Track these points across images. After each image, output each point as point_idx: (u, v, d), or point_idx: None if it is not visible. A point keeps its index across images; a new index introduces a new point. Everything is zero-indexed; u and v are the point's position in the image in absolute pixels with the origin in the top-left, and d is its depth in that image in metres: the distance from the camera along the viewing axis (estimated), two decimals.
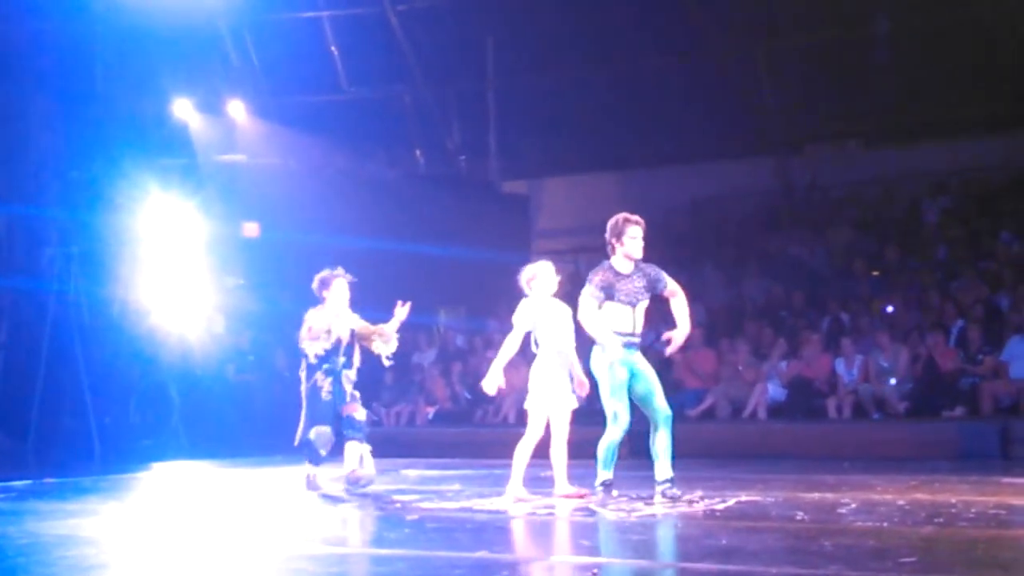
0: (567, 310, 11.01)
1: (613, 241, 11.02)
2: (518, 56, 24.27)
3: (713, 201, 25.10)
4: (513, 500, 10.77)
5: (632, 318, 10.81)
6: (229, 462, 18.22)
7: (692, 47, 23.24)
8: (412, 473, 15.38)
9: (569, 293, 24.24)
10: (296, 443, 12.08)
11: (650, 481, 10.53)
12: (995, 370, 16.53)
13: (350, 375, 12.17)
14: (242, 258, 21.48)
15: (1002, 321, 17.55)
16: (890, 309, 18.90)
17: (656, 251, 23.85)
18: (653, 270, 11.05)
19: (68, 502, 12.39)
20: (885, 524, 8.83)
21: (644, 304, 10.89)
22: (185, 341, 20.71)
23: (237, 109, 22.28)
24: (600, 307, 10.71)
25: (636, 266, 11.00)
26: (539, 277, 11.25)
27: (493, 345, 19.85)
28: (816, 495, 10.94)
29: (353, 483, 12.02)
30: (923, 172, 23.05)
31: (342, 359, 12.04)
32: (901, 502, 10.19)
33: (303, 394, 12.05)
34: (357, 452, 12.12)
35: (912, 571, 6.83)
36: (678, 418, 11.08)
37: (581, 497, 10.64)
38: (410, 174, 24.86)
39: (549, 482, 11.13)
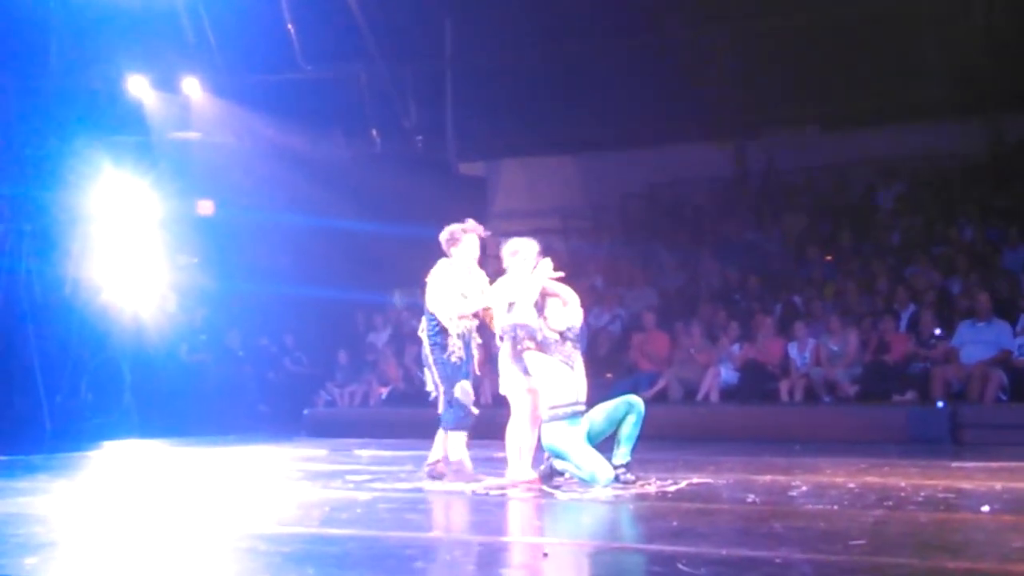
0: (531, 294, 10.80)
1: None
2: (476, 36, 24.21)
3: (669, 185, 25.15)
4: (522, 484, 10.51)
5: None
6: (181, 441, 18.18)
7: (650, 31, 23.24)
8: (365, 453, 15.38)
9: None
10: (441, 410, 10.93)
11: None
12: (946, 355, 16.64)
13: (478, 339, 11.30)
14: (196, 236, 21.38)
15: (953, 307, 17.66)
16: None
17: (612, 234, 24.08)
18: None
19: (18, 480, 12.34)
20: (835, 507, 8.89)
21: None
22: (138, 319, 20.61)
23: (192, 87, 22.14)
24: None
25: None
26: (522, 253, 11.01)
27: None
28: (767, 478, 11.01)
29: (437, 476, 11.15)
30: (878, 158, 23.14)
31: (475, 322, 11.15)
32: (851, 485, 10.26)
33: (430, 358, 10.97)
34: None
35: (861, 553, 6.89)
36: None
37: (533, 483, 10.58)
38: (366, 154, 24.76)
39: (502, 464, 11.11)
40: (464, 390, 10.66)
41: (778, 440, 15.36)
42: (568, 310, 10.72)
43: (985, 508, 8.70)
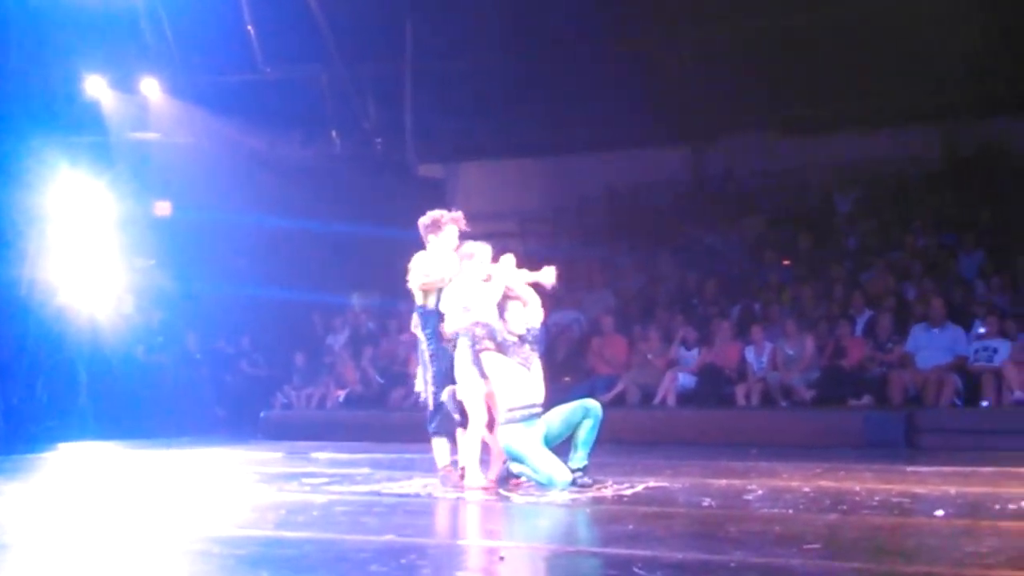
0: (493, 295, 10.77)
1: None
2: (436, 38, 24.15)
3: (628, 189, 25.16)
4: (478, 489, 10.50)
5: None
6: (137, 443, 18.08)
7: (610, 35, 23.26)
8: (322, 456, 15.33)
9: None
10: (432, 408, 10.82)
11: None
12: (902, 360, 16.71)
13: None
14: (153, 237, 21.28)
15: (909, 312, 17.75)
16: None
17: (571, 238, 24.07)
18: None
19: None
20: (791, 511, 8.92)
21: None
22: (94, 321, 20.50)
23: (150, 87, 22.04)
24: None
25: None
26: (477, 257, 11.00)
27: (405, 328, 19.80)
28: (724, 481, 11.03)
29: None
30: (836, 163, 23.21)
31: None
32: (807, 489, 10.29)
33: (426, 354, 10.83)
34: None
35: (816, 557, 6.91)
36: None
37: (489, 488, 10.55)
38: (326, 155, 24.70)
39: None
40: (450, 395, 10.65)
41: (735, 444, 15.38)
42: (528, 311, 10.75)
43: (939, 512, 8.74)
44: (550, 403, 10.68)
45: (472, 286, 10.75)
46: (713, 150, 24.64)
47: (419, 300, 10.91)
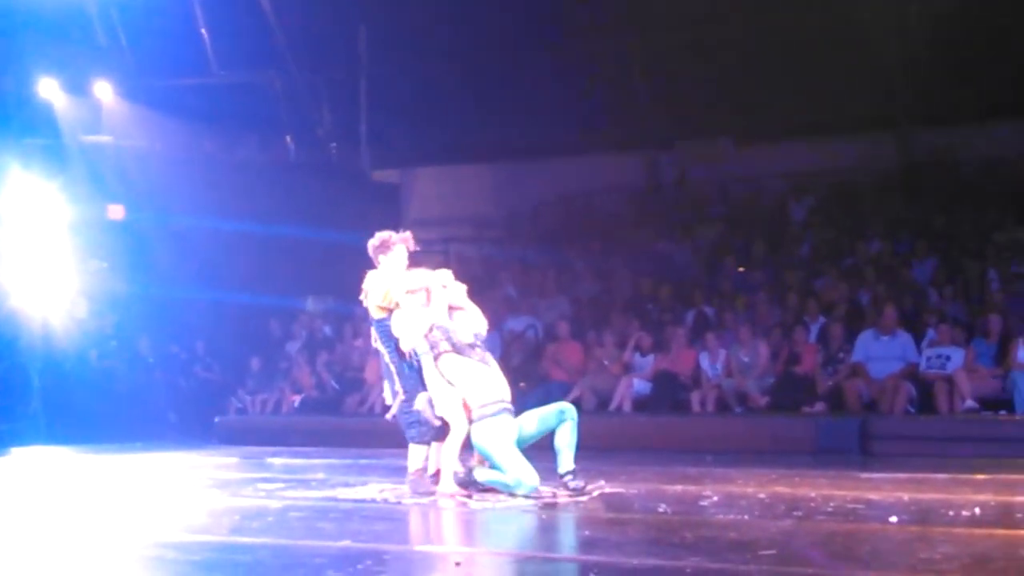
0: (440, 307, 10.77)
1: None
2: (391, 44, 24.15)
3: (582, 195, 25.17)
4: (449, 496, 10.41)
5: None
6: (89, 448, 17.97)
7: (565, 40, 23.31)
8: (277, 462, 15.29)
9: None
10: (399, 420, 10.81)
11: (549, 473, 10.48)
12: (854, 368, 16.77)
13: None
14: (106, 241, 21.19)
15: (862, 319, 17.82)
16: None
17: (526, 243, 24.09)
18: None
19: None
20: (746, 517, 8.95)
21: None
22: (47, 325, 20.39)
23: (104, 90, 21.95)
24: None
25: None
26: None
27: (361, 334, 19.78)
28: (679, 487, 11.05)
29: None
30: (791, 171, 23.29)
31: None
32: (762, 495, 10.33)
33: (391, 367, 10.81)
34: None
35: (771, 563, 6.93)
36: None
37: (465, 498, 10.51)
38: (280, 160, 24.66)
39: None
40: (426, 402, 10.62)
41: (690, 450, 15.39)
42: (473, 319, 10.83)
43: (893, 519, 8.78)
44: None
45: (420, 304, 10.78)
46: (668, 156, 24.66)
47: (376, 316, 10.92)
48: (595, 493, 10.39)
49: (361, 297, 11.04)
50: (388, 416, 11.01)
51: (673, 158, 24.51)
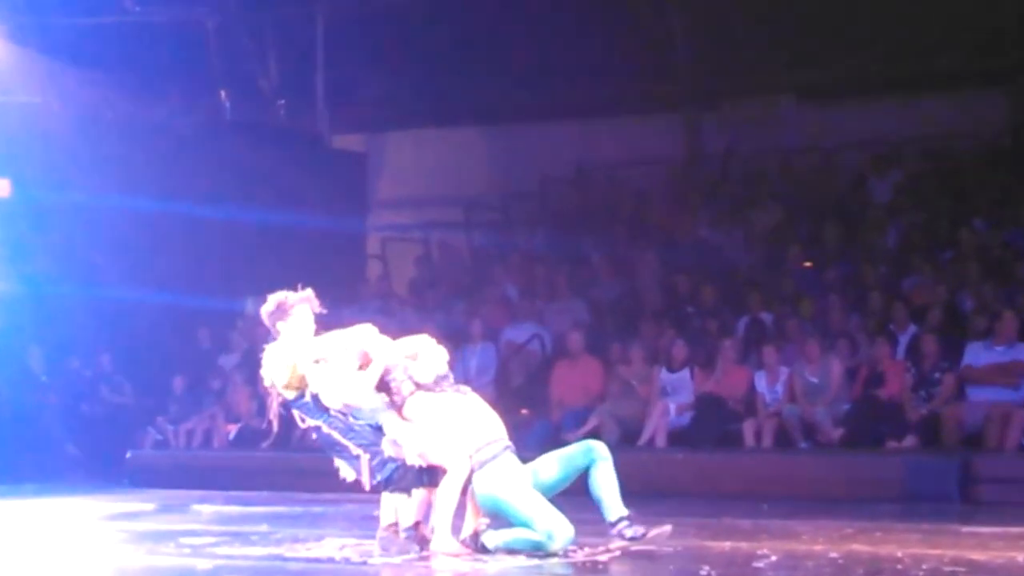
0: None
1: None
2: None
3: (604, 169, 25.18)
4: (449, 555, 10.39)
5: None
6: None
7: None
8: (207, 509, 15.30)
9: (415, 282, 24.18)
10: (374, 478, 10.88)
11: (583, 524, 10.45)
12: (955, 390, 16.75)
13: None
14: None
15: (964, 328, 17.79)
16: None
17: (530, 230, 24.09)
18: None
19: None
20: None
21: None
22: None
23: None
24: None
25: None
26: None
27: None
28: (727, 544, 11.05)
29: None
30: (870, 139, 23.27)
31: None
32: (834, 555, 10.31)
33: (335, 435, 10.96)
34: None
35: None
36: (555, 443, 11.05)
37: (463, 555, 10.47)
38: (213, 122, 24.66)
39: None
40: (393, 443, 10.61)
41: (741, 496, 15.41)
42: (428, 359, 10.84)
43: None
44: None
45: (350, 366, 10.81)
46: (712, 121, 24.66)
47: (289, 396, 10.99)
48: (618, 551, 10.36)
49: (264, 380, 11.11)
50: (367, 488, 10.98)
51: (719, 122, 24.50)
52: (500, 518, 10.41)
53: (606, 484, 10.46)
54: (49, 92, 22.42)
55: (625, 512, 10.43)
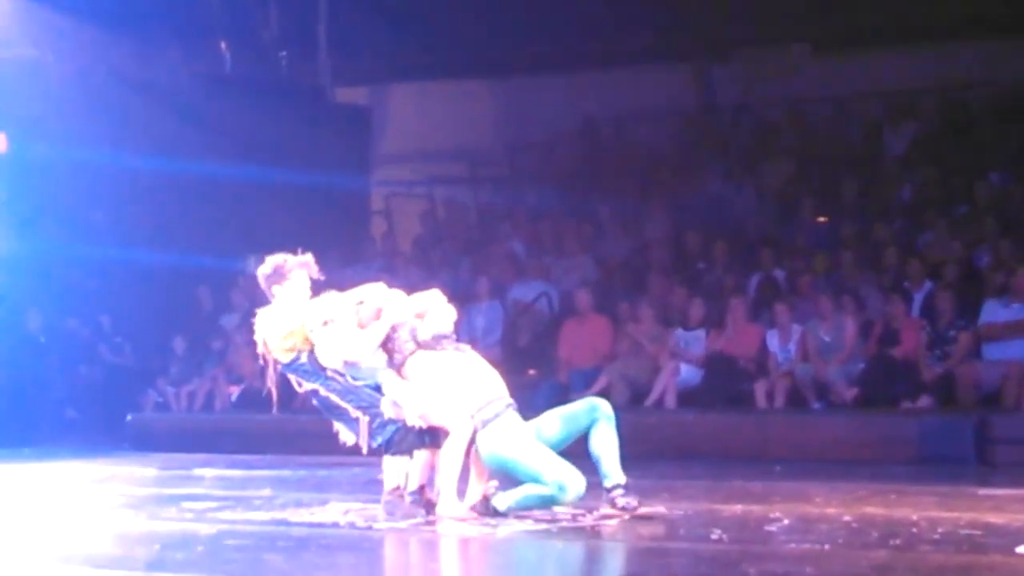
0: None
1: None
2: None
3: (613, 122, 25.15)
4: (455, 519, 10.40)
5: None
6: None
7: None
8: (209, 473, 15.33)
9: (420, 239, 24.18)
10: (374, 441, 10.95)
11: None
12: (971, 348, 16.76)
13: None
14: None
15: (981, 285, 17.78)
16: None
17: (537, 185, 24.08)
18: None
19: None
20: (826, 546, 8.94)
21: None
22: None
23: None
24: None
25: None
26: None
27: None
28: (738, 508, 11.06)
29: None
30: (886, 89, 23.21)
31: None
32: (847, 518, 10.32)
33: (334, 397, 11.02)
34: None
35: None
36: (563, 404, 11.04)
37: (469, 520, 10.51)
38: (212, 75, 24.61)
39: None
40: (393, 403, 10.65)
41: (753, 458, 15.43)
42: (433, 317, 10.88)
43: (1021, 549, 8.77)
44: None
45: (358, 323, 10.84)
46: (724, 70, 24.61)
47: (285, 359, 10.99)
48: (627, 514, 10.39)
49: (258, 347, 11.12)
50: (365, 451, 11.01)
51: (731, 72, 24.44)
52: (509, 477, 10.43)
53: (606, 446, 10.44)
54: (45, 45, 22.37)
55: (623, 480, 10.41)
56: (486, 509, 10.42)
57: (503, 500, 10.38)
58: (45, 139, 21.13)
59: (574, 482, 10.13)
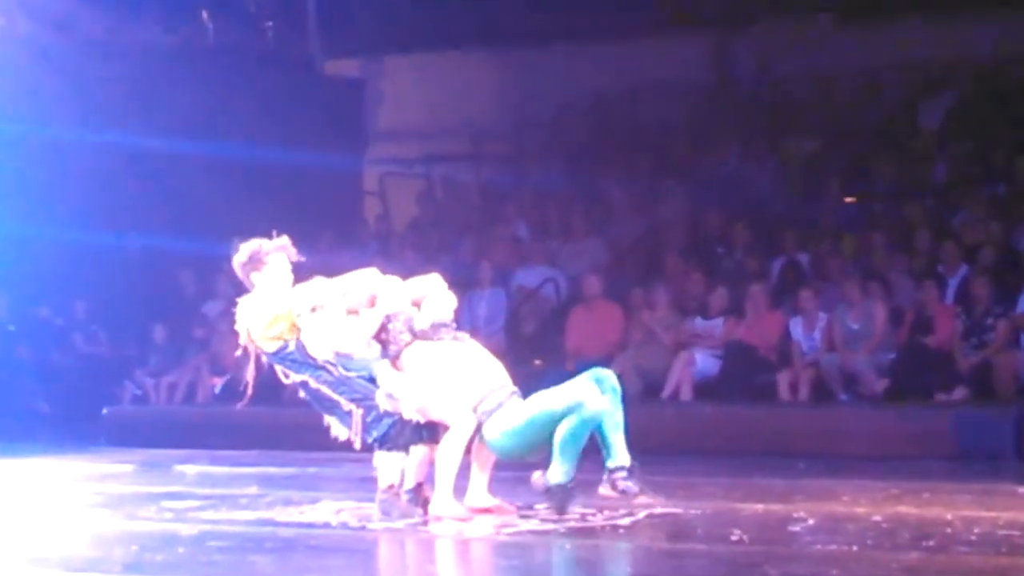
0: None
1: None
2: None
3: (624, 95, 25.15)
4: (451, 519, 10.48)
5: None
6: None
7: None
8: (191, 470, 15.41)
9: (417, 221, 24.21)
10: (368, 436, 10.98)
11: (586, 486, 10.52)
12: (1010, 337, 16.76)
13: None
14: None
15: (1020, 269, 17.78)
16: None
17: (544, 163, 24.11)
18: None
19: None
20: (854, 548, 8.95)
21: None
22: None
23: None
24: None
25: None
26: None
27: None
28: (759, 507, 11.09)
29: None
30: (918, 60, 23.22)
31: None
32: (877, 518, 10.34)
33: (325, 389, 11.10)
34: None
35: None
36: None
37: (496, 512, 10.55)
38: (193, 46, 24.62)
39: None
40: (388, 396, 10.66)
41: (775, 453, 15.45)
42: (433, 303, 10.91)
43: None
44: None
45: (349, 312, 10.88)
46: (744, 41, 24.62)
47: (270, 349, 11.00)
48: (641, 513, 10.40)
49: (241, 338, 11.14)
50: (359, 447, 11.02)
51: (751, 43, 24.46)
52: (529, 447, 10.44)
53: (610, 422, 10.49)
54: (13, 12, 22.37)
55: (627, 462, 10.49)
56: (555, 498, 10.40)
57: (554, 472, 10.39)
58: (12, 113, 21.10)
59: (585, 391, 10.30)
